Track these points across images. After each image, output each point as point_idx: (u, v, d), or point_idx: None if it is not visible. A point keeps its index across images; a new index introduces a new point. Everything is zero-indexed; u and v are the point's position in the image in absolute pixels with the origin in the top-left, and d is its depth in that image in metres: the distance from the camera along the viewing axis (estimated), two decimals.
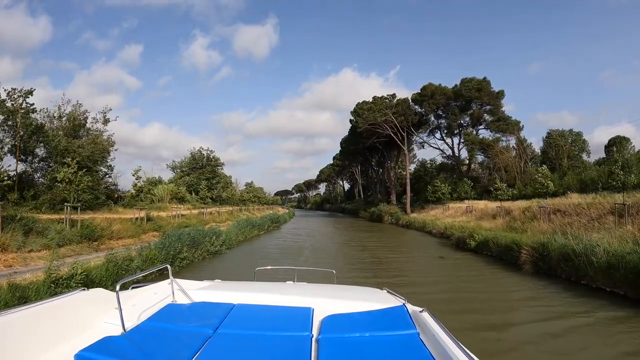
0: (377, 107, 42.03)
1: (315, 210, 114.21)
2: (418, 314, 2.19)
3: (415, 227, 30.47)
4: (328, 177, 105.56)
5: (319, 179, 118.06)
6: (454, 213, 30.77)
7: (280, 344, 1.90)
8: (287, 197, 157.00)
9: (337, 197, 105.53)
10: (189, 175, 43.86)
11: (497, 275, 12.00)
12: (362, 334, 1.97)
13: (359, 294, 3.07)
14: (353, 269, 13.08)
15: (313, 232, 30.76)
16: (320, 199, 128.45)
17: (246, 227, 23.36)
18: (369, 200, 65.47)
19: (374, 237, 25.81)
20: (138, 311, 2.31)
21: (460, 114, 40.74)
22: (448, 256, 16.18)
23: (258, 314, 2.33)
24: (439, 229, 25.02)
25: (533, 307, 8.39)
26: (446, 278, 11.99)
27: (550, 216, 17.11)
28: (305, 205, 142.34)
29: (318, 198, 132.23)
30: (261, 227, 27.15)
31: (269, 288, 3.11)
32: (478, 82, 41.05)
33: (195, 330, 2.01)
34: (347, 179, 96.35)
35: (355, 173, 76.70)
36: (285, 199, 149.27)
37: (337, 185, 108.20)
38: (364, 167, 74.56)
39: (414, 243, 21.98)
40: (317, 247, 19.42)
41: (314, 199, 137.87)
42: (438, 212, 34.00)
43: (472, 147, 36.78)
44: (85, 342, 1.69)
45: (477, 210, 27.99)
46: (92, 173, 24.05)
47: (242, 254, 16.68)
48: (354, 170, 76.65)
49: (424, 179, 49.65)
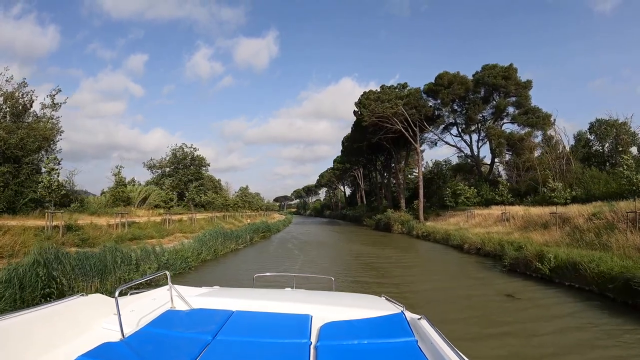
0: (386, 97, 36.39)
1: (315, 216, 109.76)
2: (416, 322, 2.18)
3: (436, 239, 24.57)
4: (328, 182, 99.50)
5: (319, 184, 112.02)
6: (483, 221, 24.92)
7: (278, 351, 1.88)
8: (286, 203, 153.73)
9: (337, 203, 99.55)
10: (170, 177, 38.17)
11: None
12: (360, 342, 1.96)
13: (358, 301, 3.05)
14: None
15: (309, 243, 24.91)
16: (320, 204, 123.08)
17: (216, 239, 17.53)
18: (372, 206, 59.56)
19: (386, 252, 19.93)
20: (137, 317, 2.29)
21: (482, 106, 35.04)
22: (515, 290, 10.28)
23: (257, 321, 2.32)
24: (472, 242, 19.15)
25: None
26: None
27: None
28: (304, 211, 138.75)
29: (318, 204, 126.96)
30: (242, 239, 21.29)
31: (267, 295, 3.11)
32: (504, 69, 35.43)
33: (194, 337, 2.01)
34: (348, 183, 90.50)
35: (358, 177, 70.76)
36: (284, 205, 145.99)
37: (338, 190, 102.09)
38: (366, 171, 68.82)
39: (444, 264, 16.09)
40: (311, 269, 13.56)
41: (313, 205, 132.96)
42: (460, 220, 28.12)
43: (500, 143, 30.77)
44: (84, 348, 1.69)
45: (517, 218, 22.18)
46: (21, 166, 18.55)
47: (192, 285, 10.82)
48: (356, 173, 70.78)
49: (435, 181, 43.90)
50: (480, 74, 36.02)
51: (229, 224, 28.77)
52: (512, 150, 31.90)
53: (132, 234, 16.23)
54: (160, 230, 19.33)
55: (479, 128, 38.24)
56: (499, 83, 34.52)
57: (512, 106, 36.53)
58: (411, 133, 36.36)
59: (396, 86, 38.19)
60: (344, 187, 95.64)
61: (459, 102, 38.13)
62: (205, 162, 39.77)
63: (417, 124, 36.19)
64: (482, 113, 35.89)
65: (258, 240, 25.02)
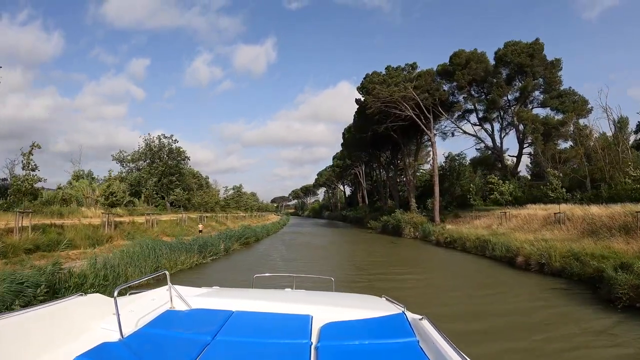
0: (393, 80, 31.11)
1: (313, 217, 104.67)
2: (417, 322, 2.14)
3: (465, 248, 19.24)
4: (327, 181, 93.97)
5: (317, 184, 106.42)
6: (525, 224, 19.62)
7: (278, 351, 1.85)
8: (284, 203, 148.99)
9: (337, 203, 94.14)
10: (139, 170, 32.86)
11: None
12: (361, 342, 1.92)
13: (358, 301, 3.03)
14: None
15: (303, 252, 19.63)
16: (318, 205, 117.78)
17: (157, 252, 12.18)
18: (375, 206, 54.21)
19: (406, 269, 14.65)
20: (136, 317, 2.25)
21: (507, 87, 29.77)
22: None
23: (256, 321, 2.28)
24: (527, 254, 13.86)
25: None
26: None
27: None
28: (302, 212, 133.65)
29: (316, 205, 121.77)
30: (210, 250, 15.90)
31: (267, 295, 3.05)
32: (528, 46, 30.25)
33: (193, 337, 1.97)
34: (348, 183, 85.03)
35: (359, 175, 65.34)
36: (282, 205, 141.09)
37: (337, 190, 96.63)
38: (368, 169, 63.42)
39: (498, 287, 10.74)
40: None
41: (311, 205, 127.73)
42: (490, 222, 22.80)
43: (535, 129, 25.27)
44: (83, 348, 1.66)
45: (574, 220, 16.94)
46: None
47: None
48: (358, 171, 65.35)
49: (448, 178, 38.62)
50: (503, 51, 30.78)
51: (205, 227, 23.41)
52: (545, 139, 26.57)
53: (33, 242, 10.93)
54: (95, 236, 14.02)
55: (501, 115, 33.00)
56: (524, 62, 29.24)
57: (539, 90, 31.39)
58: (424, 120, 31.11)
59: (404, 67, 32.88)
60: (344, 187, 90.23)
61: (477, 86, 32.91)
62: (185, 155, 34.38)
63: (430, 110, 30.94)
64: (507, 96, 30.62)
65: (237, 249, 19.66)
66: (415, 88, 30.50)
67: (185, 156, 34.36)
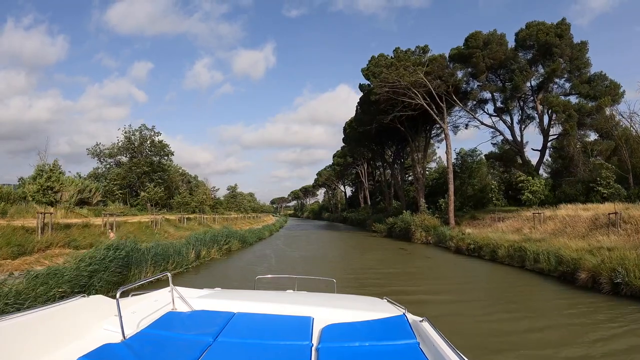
0: (401, 64, 27.65)
1: (313, 219, 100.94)
2: (418, 324, 2.14)
3: (495, 257, 15.74)
4: (327, 181, 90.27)
5: (317, 184, 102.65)
6: (566, 227, 16.13)
7: (280, 353, 1.84)
8: (283, 204, 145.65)
9: (337, 204, 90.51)
10: (119, 166, 29.43)
11: None
12: (362, 344, 1.91)
13: (360, 303, 3.00)
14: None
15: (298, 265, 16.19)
16: (318, 206, 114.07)
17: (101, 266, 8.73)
18: (379, 207, 50.66)
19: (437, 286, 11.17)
20: (138, 318, 2.25)
21: (531, 71, 26.25)
22: None
23: (258, 323, 2.28)
24: (588, 268, 10.34)
25: None
26: None
27: None
28: (301, 213, 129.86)
29: (316, 206, 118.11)
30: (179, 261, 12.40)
31: (269, 297, 3.05)
32: (554, 27, 26.82)
33: (195, 339, 1.96)
34: (349, 183, 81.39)
35: (361, 174, 61.78)
36: (280, 206, 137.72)
37: (338, 190, 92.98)
38: (370, 168, 59.88)
39: (587, 328, 7.28)
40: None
41: (311, 206, 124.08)
42: (520, 225, 19.24)
43: (570, 116, 21.56)
44: (85, 349, 1.65)
45: (635, 222, 13.47)
46: None
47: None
48: (360, 170, 61.82)
49: (460, 176, 35.10)
50: (525, 32, 27.30)
51: (182, 231, 19.93)
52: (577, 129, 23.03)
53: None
54: (26, 243, 10.59)
55: (521, 105, 29.52)
56: (553, 41, 25.73)
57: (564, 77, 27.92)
58: (435, 110, 27.65)
59: (414, 50, 29.43)
60: (345, 187, 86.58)
61: (494, 73, 29.44)
62: (169, 150, 30.87)
63: (443, 99, 27.49)
64: (530, 82, 27.10)
65: (217, 258, 16.17)
66: (427, 74, 27.04)
67: (169, 150, 30.89)
